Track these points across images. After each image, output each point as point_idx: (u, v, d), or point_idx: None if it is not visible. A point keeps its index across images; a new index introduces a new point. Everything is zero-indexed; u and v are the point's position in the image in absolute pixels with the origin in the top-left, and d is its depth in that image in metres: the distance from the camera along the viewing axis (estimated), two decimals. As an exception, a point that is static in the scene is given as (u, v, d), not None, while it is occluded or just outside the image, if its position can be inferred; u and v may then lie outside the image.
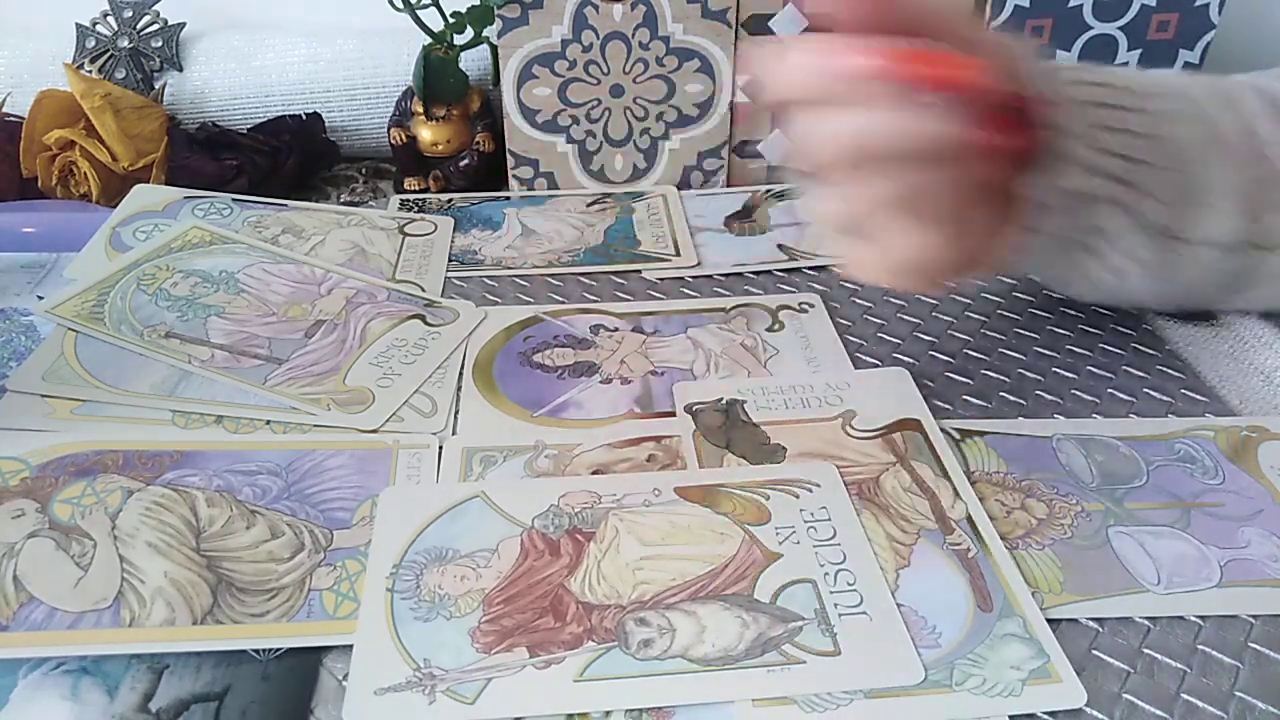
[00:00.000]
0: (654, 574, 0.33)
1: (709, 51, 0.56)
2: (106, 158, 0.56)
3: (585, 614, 0.32)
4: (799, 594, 0.32)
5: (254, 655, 0.31)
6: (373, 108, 0.63)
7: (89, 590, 0.32)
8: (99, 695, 0.29)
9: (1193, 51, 0.57)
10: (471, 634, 0.31)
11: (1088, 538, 0.35)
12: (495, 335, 0.46)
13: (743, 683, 0.29)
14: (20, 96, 0.59)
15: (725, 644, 0.30)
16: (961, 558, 0.34)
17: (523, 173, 0.59)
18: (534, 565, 0.33)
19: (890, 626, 0.31)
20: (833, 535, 0.34)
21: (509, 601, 0.32)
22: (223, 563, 0.33)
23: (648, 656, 0.30)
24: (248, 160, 0.58)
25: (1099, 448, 0.39)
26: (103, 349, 0.43)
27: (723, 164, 0.60)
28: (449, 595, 0.32)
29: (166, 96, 0.61)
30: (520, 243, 0.54)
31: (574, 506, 0.36)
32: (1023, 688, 0.30)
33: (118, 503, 0.35)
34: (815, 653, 0.30)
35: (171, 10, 0.62)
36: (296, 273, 0.49)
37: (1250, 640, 0.32)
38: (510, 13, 0.54)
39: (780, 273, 0.52)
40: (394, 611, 0.32)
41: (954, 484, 0.37)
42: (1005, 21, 0.55)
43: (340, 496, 0.36)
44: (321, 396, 0.41)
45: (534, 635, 0.31)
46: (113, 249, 0.50)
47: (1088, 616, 0.32)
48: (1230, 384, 0.43)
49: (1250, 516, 0.36)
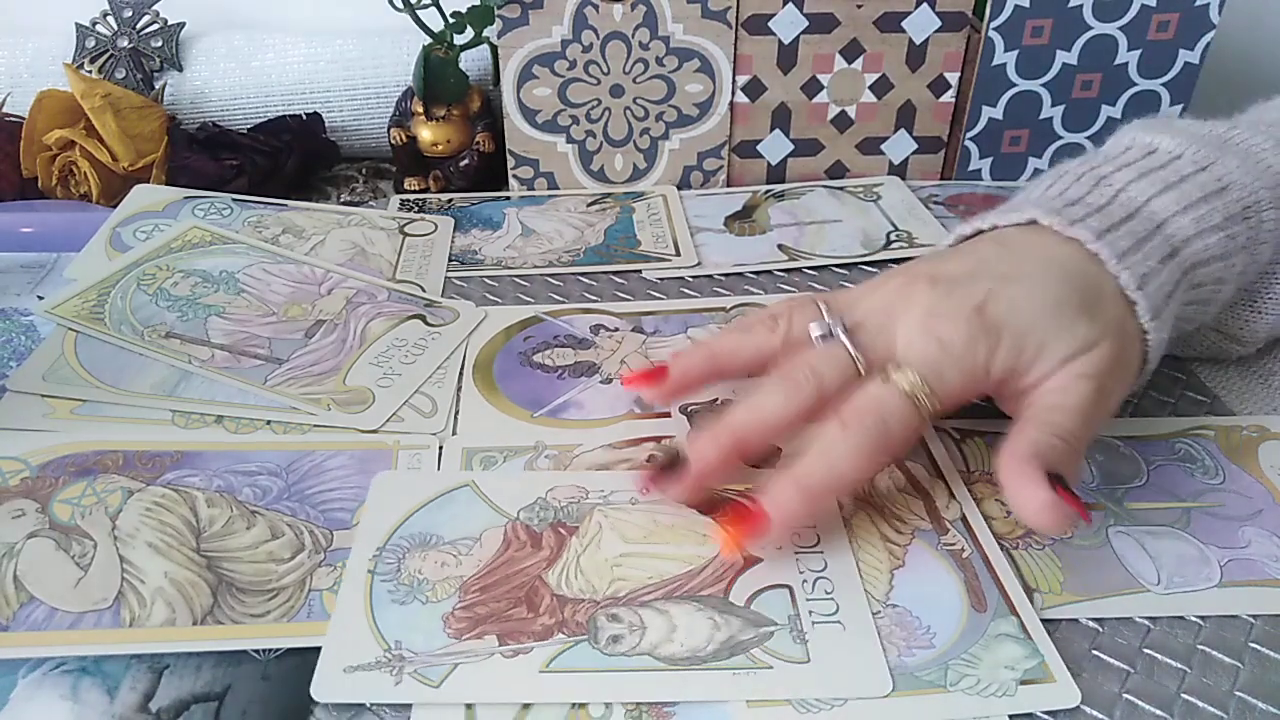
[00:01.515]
0: (631, 571, 0.33)
1: (709, 51, 0.56)
2: (106, 158, 0.56)
3: (559, 606, 0.32)
4: (775, 599, 0.32)
5: (254, 655, 0.31)
6: (373, 108, 0.63)
7: (89, 590, 0.32)
8: (99, 695, 0.29)
9: (1193, 51, 0.57)
10: (445, 619, 0.31)
11: (1088, 538, 0.35)
12: (495, 335, 0.46)
13: (705, 684, 0.29)
14: (20, 96, 0.59)
15: (694, 644, 0.31)
16: (956, 558, 0.34)
17: (523, 173, 0.59)
18: (514, 556, 0.34)
19: (863, 637, 0.31)
20: (816, 542, 0.34)
21: (486, 590, 0.32)
22: (223, 563, 0.33)
23: (615, 652, 0.30)
24: (248, 160, 0.58)
25: (1099, 448, 0.39)
26: (103, 349, 0.43)
27: (723, 164, 0.60)
28: (427, 580, 0.33)
29: (166, 96, 0.61)
30: (520, 243, 0.54)
31: (560, 500, 0.36)
32: (1017, 688, 0.30)
33: (118, 503, 0.35)
34: (784, 659, 0.30)
35: (171, 10, 0.62)
36: (296, 273, 0.49)
37: (1250, 640, 0.32)
38: (510, 13, 0.54)
39: (780, 273, 0.52)
40: (373, 593, 0.32)
41: (948, 484, 0.37)
42: (1005, 21, 0.55)
43: (340, 497, 0.36)
44: (321, 397, 0.41)
45: (505, 624, 0.31)
46: (113, 249, 0.50)
47: (1087, 616, 0.32)
48: (1230, 384, 0.43)
49: (1250, 516, 0.36)
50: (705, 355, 0.38)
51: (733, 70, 0.57)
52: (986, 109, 0.59)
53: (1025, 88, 0.58)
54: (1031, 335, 0.34)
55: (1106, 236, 0.36)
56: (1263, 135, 0.40)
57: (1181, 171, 0.38)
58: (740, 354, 0.37)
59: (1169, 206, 0.37)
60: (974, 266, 0.36)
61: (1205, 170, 0.38)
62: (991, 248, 0.37)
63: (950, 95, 0.59)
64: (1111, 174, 0.39)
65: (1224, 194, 0.38)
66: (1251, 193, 0.38)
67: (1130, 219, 0.37)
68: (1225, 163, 0.38)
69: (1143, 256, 0.36)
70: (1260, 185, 0.38)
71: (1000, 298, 0.34)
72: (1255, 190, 0.38)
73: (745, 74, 0.57)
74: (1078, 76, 0.58)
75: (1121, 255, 0.35)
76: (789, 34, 0.56)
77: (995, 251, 0.37)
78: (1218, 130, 0.41)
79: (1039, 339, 0.34)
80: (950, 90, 0.59)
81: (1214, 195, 0.37)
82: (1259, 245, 0.39)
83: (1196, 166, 0.38)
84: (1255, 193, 0.38)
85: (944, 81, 0.58)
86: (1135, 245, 0.36)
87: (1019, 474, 0.31)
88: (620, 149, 0.59)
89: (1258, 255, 0.39)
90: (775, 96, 0.58)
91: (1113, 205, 0.37)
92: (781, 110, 0.58)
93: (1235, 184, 0.38)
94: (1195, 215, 0.37)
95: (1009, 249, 0.37)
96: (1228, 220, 0.37)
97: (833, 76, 0.58)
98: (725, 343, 0.38)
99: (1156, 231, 0.36)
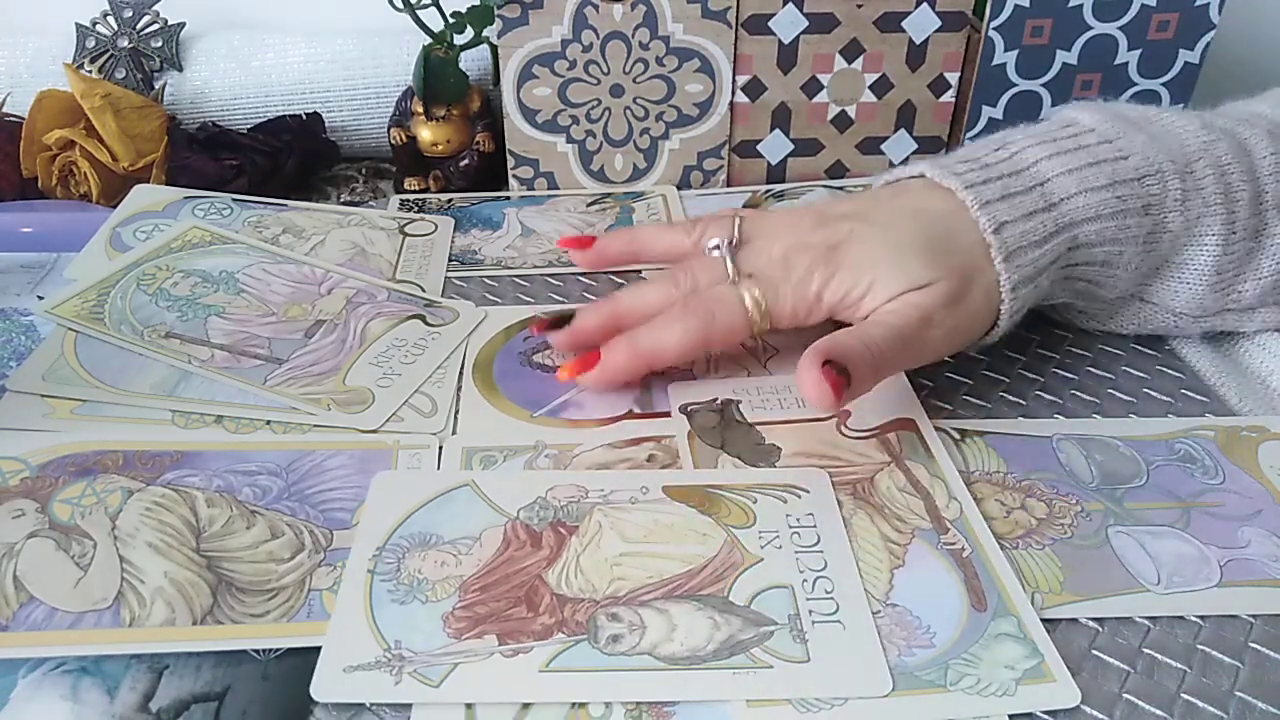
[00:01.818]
0: (631, 570, 0.33)
1: (709, 51, 0.56)
2: (106, 158, 0.56)
3: (558, 606, 0.32)
4: (775, 599, 0.32)
5: (254, 655, 0.31)
6: (373, 108, 0.63)
7: (89, 590, 0.32)
8: (99, 695, 0.29)
9: (1193, 51, 0.57)
10: (445, 619, 0.31)
11: (1087, 537, 0.35)
12: (495, 335, 0.46)
13: (705, 683, 0.29)
14: (20, 96, 0.59)
15: (694, 644, 0.31)
16: (956, 557, 0.34)
17: (523, 173, 0.59)
18: (514, 555, 0.34)
19: (864, 637, 0.31)
20: (816, 541, 0.34)
21: (485, 589, 0.32)
22: (223, 563, 0.33)
23: (615, 652, 0.30)
24: (248, 160, 0.58)
25: (1099, 447, 0.39)
26: (103, 349, 0.43)
27: (723, 164, 0.60)
28: (427, 580, 0.33)
29: (166, 96, 0.61)
30: (520, 243, 0.54)
31: (560, 499, 0.36)
32: (1017, 687, 0.30)
33: (118, 503, 0.35)
34: (784, 658, 0.30)
35: (171, 10, 0.62)
36: (296, 273, 0.49)
37: (1250, 640, 0.32)
38: (510, 13, 0.54)
39: (780, 272, 0.52)
40: (372, 593, 0.32)
41: (948, 484, 0.37)
42: (1005, 21, 0.55)
43: (340, 497, 0.36)
44: (321, 396, 0.41)
45: (505, 624, 0.31)
46: (113, 249, 0.50)
47: (1087, 616, 0.32)
48: (1230, 384, 0.43)
49: (1250, 516, 0.36)
50: (628, 237, 0.47)
51: (733, 70, 0.57)
52: (986, 109, 0.59)
53: (1025, 88, 0.58)
54: (865, 272, 0.38)
55: (977, 187, 0.39)
56: (1193, 119, 0.42)
57: (1084, 142, 0.41)
58: (656, 244, 0.45)
59: (1055, 168, 0.40)
60: (857, 208, 0.41)
61: (1110, 143, 0.41)
62: (884, 193, 0.42)
63: (950, 95, 0.59)
64: (1017, 140, 0.42)
65: (1119, 162, 0.40)
66: (1150, 161, 0.40)
67: (1012, 176, 0.40)
68: (1133, 138, 0.41)
69: (1010, 206, 0.39)
70: (1164, 158, 0.40)
71: (855, 238, 0.39)
72: (1156, 161, 0.40)
73: (745, 74, 0.57)
74: (1078, 76, 0.58)
75: (985, 204, 0.39)
76: (789, 34, 0.56)
77: (878, 197, 0.42)
78: (1148, 113, 0.43)
79: (872, 275, 0.38)
80: (950, 90, 0.59)
81: (1107, 162, 0.40)
82: (1166, 212, 0.40)
83: (1101, 139, 0.41)
84: (1155, 162, 0.40)
85: (944, 81, 0.58)
86: (1005, 196, 0.39)
87: (805, 360, 0.36)
88: (620, 149, 0.59)
89: (1166, 223, 0.40)
90: (775, 96, 0.58)
91: (1000, 164, 0.41)
92: (781, 110, 0.58)
93: (1136, 154, 0.40)
94: (1080, 176, 0.40)
95: (893, 197, 0.41)
96: (1116, 184, 0.40)
97: (833, 76, 0.58)
98: (646, 232, 0.46)
99: (1037, 188, 0.40)
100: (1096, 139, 0.41)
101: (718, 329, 0.39)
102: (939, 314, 0.38)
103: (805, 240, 0.40)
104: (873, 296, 0.38)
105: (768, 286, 0.39)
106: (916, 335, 0.38)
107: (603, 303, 0.42)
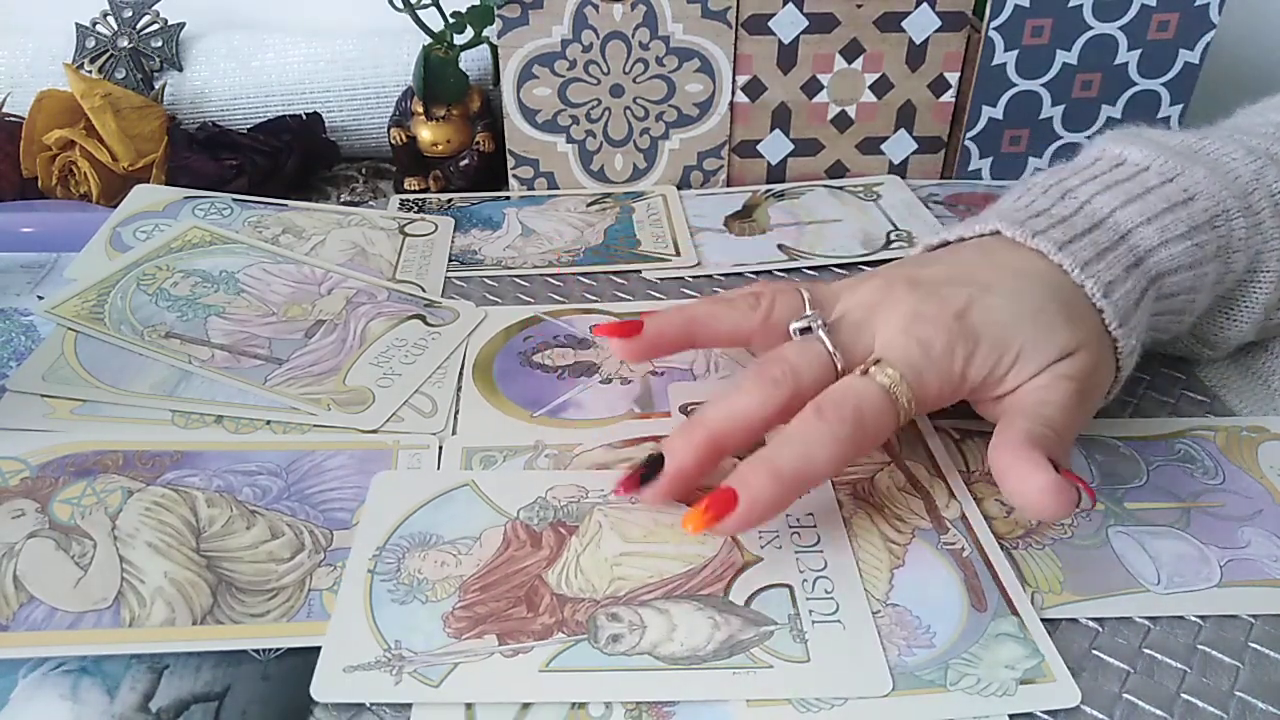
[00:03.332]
0: (632, 570, 0.33)
1: (709, 51, 0.56)
2: (106, 158, 0.56)
3: (558, 606, 0.32)
4: (775, 598, 0.32)
5: (254, 655, 0.31)
6: (373, 108, 0.63)
7: (89, 590, 0.32)
8: (99, 695, 0.29)
9: (1193, 51, 0.57)
10: (444, 619, 0.31)
11: (1088, 537, 0.35)
12: (495, 335, 0.46)
13: (705, 683, 0.29)
14: (20, 96, 0.59)
15: (694, 644, 0.31)
16: (956, 557, 0.34)
17: (523, 173, 0.59)
18: (514, 555, 0.34)
19: (863, 637, 0.31)
20: (816, 541, 0.34)
21: (485, 589, 0.32)
22: (223, 563, 0.33)
23: (615, 651, 0.30)
24: (248, 160, 0.58)
25: (1099, 448, 0.39)
26: (103, 349, 0.43)
27: (723, 164, 0.60)
28: (427, 580, 0.33)
29: (166, 96, 0.61)
30: (520, 243, 0.54)
31: (560, 499, 0.36)
32: (1017, 687, 0.30)
33: (118, 503, 0.35)
34: (784, 658, 0.30)
35: (171, 10, 0.62)
36: (296, 273, 0.49)
37: (1250, 640, 0.32)
38: (510, 13, 0.54)
39: (780, 273, 0.52)
40: (372, 593, 0.32)
41: (948, 484, 0.37)
42: (1005, 21, 0.55)
43: (340, 497, 0.36)
44: (321, 396, 0.41)
45: (505, 624, 0.31)
46: (113, 249, 0.50)
47: (1087, 616, 0.32)
48: (1230, 384, 0.43)
49: (1250, 516, 0.36)
50: (682, 319, 0.37)
51: (733, 70, 0.57)
52: (986, 109, 0.59)
53: (1025, 87, 0.58)
54: (1011, 342, 0.34)
55: (1068, 247, 0.36)
56: (1234, 144, 0.40)
57: (1147, 184, 0.38)
58: (717, 325, 0.37)
59: (1133, 218, 0.37)
60: (953, 272, 0.36)
61: (1172, 181, 0.38)
62: (971, 255, 0.37)
63: (950, 95, 0.59)
64: (1078, 186, 0.39)
65: (1190, 204, 0.38)
66: (1218, 202, 0.38)
67: (1093, 230, 0.37)
68: (1192, 173, 0.39)
69: (1106, 265, 0.36)
70: (1228, 194, 0.38)
71: (980, 305, 0.35)
72: (1222, 199, 0.38)
73: (745, 74, 0.57)
74: (1078, 76, 0.58)
75: (1084, 265, 0.36)
76: (789, 34, 0.56)
77: (974, 259, 0.37)
78: (1188, 141, 0.41)
79: (1018, 346, 0.34)
80: (950, 90, 0.59)
81: (1179, 206, 0.38)
82: (1232, 254, 0.39)
83: (1163, 178, 0.39)
84: (1222, 201, 0.38)
85: (944, 81, 0.58)
86: (1098, 255, 0.36)
87: (1017, 459, 0.31)
88: (620, 149, 0.59)
89: (1231, 264, 0.39)
90: (775, 96, 0.58)
91: (1077, 217, 0.38)
92: (781, 110, 0.58)
93: (1202, 194, 0.38)
94: (1159, 225, 0.37)
95: (987, 257, 0.37)
96: (1193, 230, 0.37)
97: (833, 76, 0.58)
98: (703, 310, 0.38)
99: (1120, 242, 0.37)
100: (1158, 178, 0.38)
101: (870, 431, 0.32)
102: (1088, 385, 0.34)
103: (920, 311, 0.34)
104: (1018, 371, 0.34)
105: (907, 370, 0.33)
106: (1079, 412, 0.34)
107: (692, 428, 0.33)
